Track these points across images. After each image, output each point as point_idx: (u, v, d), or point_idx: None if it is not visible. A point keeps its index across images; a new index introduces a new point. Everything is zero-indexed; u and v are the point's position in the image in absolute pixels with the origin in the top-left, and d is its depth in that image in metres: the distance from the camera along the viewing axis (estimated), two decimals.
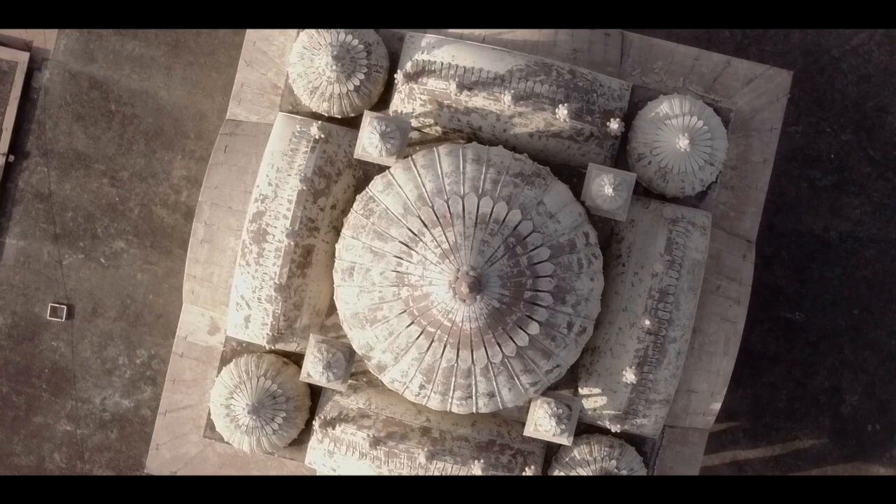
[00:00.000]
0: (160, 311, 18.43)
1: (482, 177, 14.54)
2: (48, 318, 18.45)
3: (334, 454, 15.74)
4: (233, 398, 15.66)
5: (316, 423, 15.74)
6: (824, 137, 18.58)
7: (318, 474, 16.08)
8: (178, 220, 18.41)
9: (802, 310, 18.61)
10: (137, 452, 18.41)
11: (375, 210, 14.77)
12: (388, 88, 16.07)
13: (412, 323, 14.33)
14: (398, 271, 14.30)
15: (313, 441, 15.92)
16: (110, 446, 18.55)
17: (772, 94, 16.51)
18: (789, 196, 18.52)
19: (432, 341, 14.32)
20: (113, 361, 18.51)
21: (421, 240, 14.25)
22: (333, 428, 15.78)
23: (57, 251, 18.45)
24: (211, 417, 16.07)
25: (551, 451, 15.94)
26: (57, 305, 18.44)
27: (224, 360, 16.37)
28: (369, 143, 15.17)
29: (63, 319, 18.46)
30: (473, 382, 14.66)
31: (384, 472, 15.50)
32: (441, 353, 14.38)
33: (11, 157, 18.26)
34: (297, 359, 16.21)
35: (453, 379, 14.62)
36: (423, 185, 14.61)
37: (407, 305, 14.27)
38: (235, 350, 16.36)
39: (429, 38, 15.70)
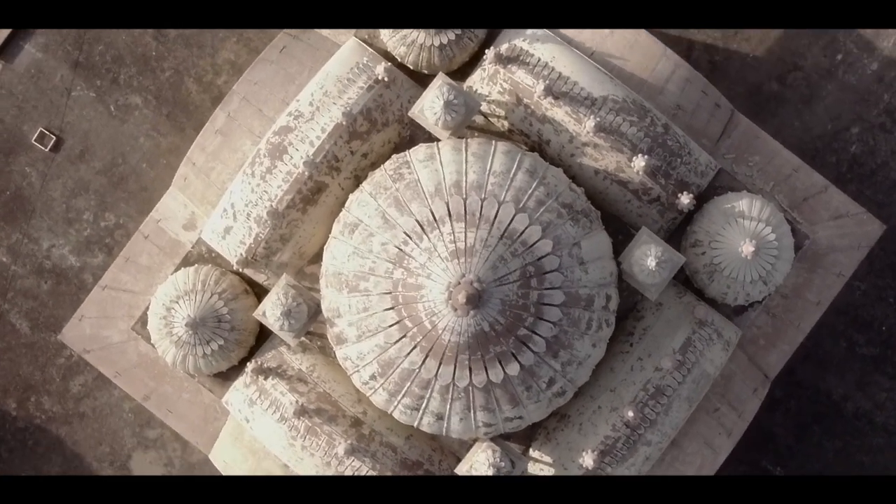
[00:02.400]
0: (147, 184, 16.95)
1: (529, 191, 13.06)
2: (33, 141, 16.98)
3: (255, 405, 14.26)
4: (177, 303, 14.21)
5: (250, 366, 14.27)
6: (883, 306, 17.06)
7: (226, 427, 14.64)
8: (205, 101, 16.94)
9: (786, 467, 17.09)
10: (60, 315, 16.94)
11: (406, 177, 13.29)
12: (473, 61, 14.61)
13: (392, 308, 12.86)
14: (401, 249, 12.83)
15: (239, 382, 14.45)
16: (37, 296, 17.08)
17: (856, 239, 15.03)
18: (823, 349, 17.00)
19: (404, 336, 12.85)
20: (78, 213, 17.03)
21: (439, 227, 12.78)
22: (266, 378, 14.30)
23: (71, 79, 16.96)
24: (147, 313, 14.62)
25: None
26: (47, 133, 16.97)
27: (186, 261, 14.91)
28: (430, 106, 13.69)
29: (47, 149, 16.99)
30: (427, 396, 13.17)
31: (296, 446, 14.02)
32: (407, 353, 12.91)
33: None
34: (259, 292, 14.76)
35: (408, 384, 13.14)
36: (466, 174, 13.14)
37: (395, 289, 12.80)
38: (202, 256, 14.90)
39: (537, 29, 14.23)
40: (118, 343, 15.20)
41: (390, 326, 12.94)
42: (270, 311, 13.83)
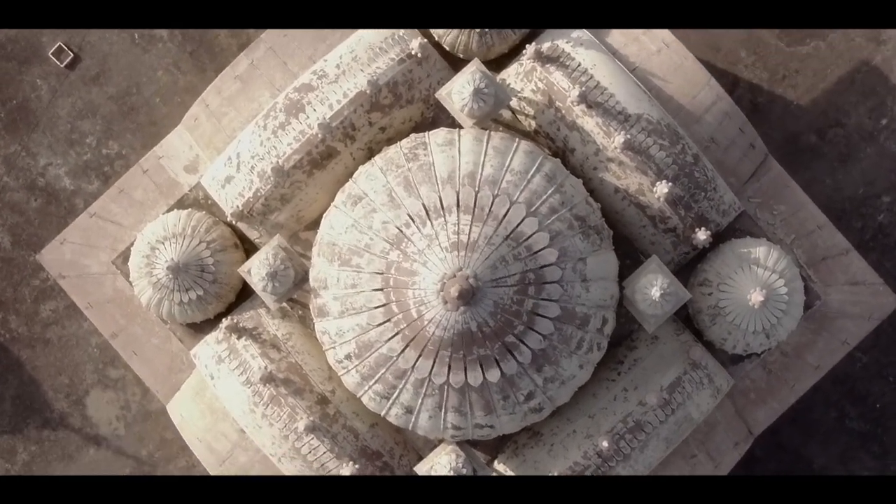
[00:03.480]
0: (157, 119, 16.42)
1: (544, 197, 12.51)
2: (49, 54, 16.44)
3: (222, 363, 13.71)
4: (163, 244, 13.68)
5: (225, 322, 13.71)
6: (881, 384, 16.51)
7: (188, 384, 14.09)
8: (232, 45, 16.41)
9: None
10: (44, 236, 16.41)
11: (421, 158, 12.74)
12: (512, 54, 14.06)
13: (381, 290, 12.31)
14: (402, 231, 12.29)
15: (211, 337, 13.90)
16: (24, 212, 16.55)
17: (868, 309, 14.47)
18: (813, 415, 16.44)
19: (388, 321, 12.31)
20: (81, 135, 16.50)
21: (444, 216, 12.23)
22: (239, 338, 13.75)
23: None
24: (131, 248, 14.08)
25: None
26: (65, 48, 16.45)
27: (180, 204, 14.37)
28: (459, 91, 13.15)
29: (62, 65, 16.47)
30: (400, 387, 12.63)
31: (256, 413, 13.46)
32: (388, 338, 12.36)
33: None
34: (249, 249, 14.24)
35: (383, 371, 12.59)
36: (483, 166, 12.59)
37: (387, 270, 12.25)
38: (198, 201, 14.36)
39: (582, 32, 13.68)
40: (96, 274, 14.65)
41: (376, 308, 12.40)
42: (256, 270, 13.28)
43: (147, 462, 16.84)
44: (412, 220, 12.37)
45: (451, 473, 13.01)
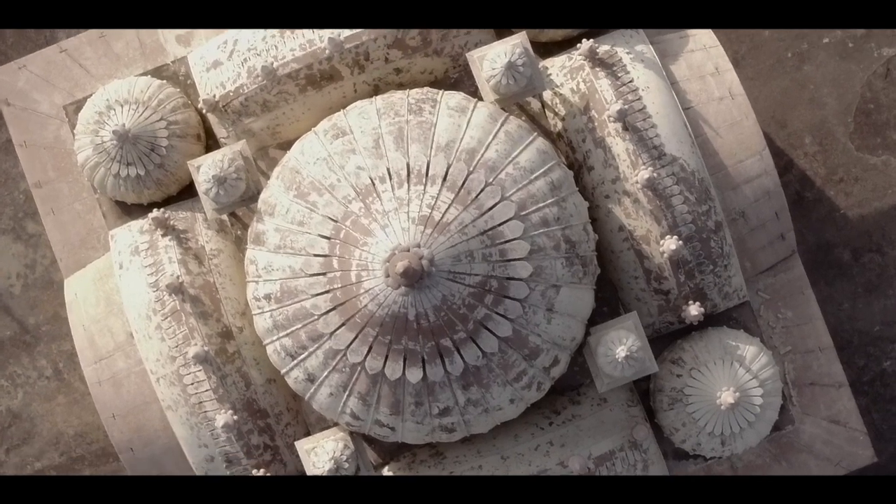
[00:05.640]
0: None
1: (541, 205, 10.96)
2: None
3: (137, 255, 12.16)
4: (122, 107, 12.16)
5: (154, 213, 12.12)
6: None
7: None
8: None
9: None
10: (9, 54, 14.82)
11: (424, 115, 11.19)
12: (564, 45, 12.53)
13: (328, 239, 10.77)
14: (374, 184, 10.76)
15: (136, 224, 12.36)
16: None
17: (839, 455, 12.97)
18: None
19: (322, 275, 10.76)
20: None
21: (425, 185, 10.68)
22: (164, 235, 12.17)
23: None
24: (86, 100, 12.52)
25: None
26: None
27: (157, 73, 12.83)
28: (492, 59, 11.60)
29: None
30: (311, 351, 11.07)
31: (152, 322, 11.91)
32: (316, 294, 10.82)
33: None
34: (212, 146, 12.71)
35: (298, 326, 11.03)
36: (487, 147, 11.04)
37: (343, 220, 10.71)
38: (177, 76, 12.81)
39: (647, 48, 12.12)
40: (43, 114, 13.09)
41: (315, 256, 10.84)
42: (206, 170, 11.72)
43: (31, 332, 15.26)
44: (389, 175, 10.81)
45: (331, 464, 11.43)
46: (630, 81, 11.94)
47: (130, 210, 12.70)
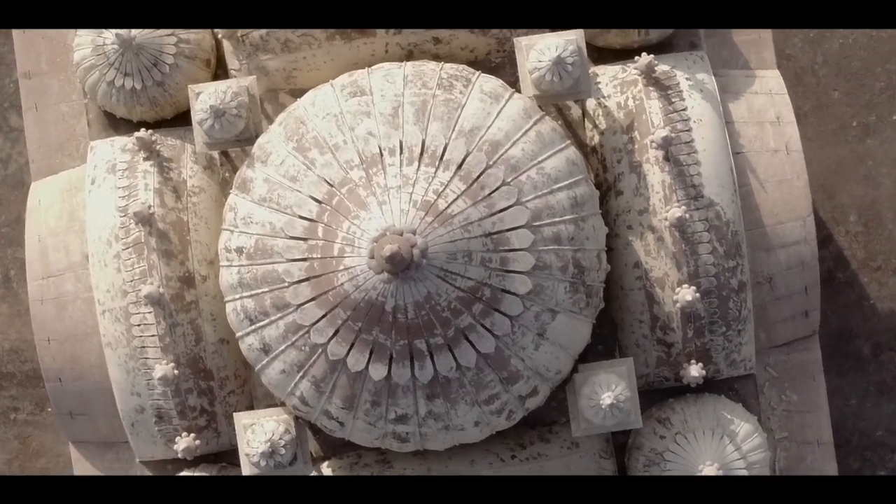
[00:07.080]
0: None
1: (557, 219, 9.93)
2: None
3: (112, 174, 11.14)
4: None
5: (142, 133, 11.04)
6: None
7: None
8: None
9: None
10: None
11: (454, 93, 10.16)
12: (621, 55, 11.48)
13: (319, 203, 9.72)
14: (383, 155, 9.75)
15: (119, 141, 11.35)
16: None
17: None
18: None
19: (304, 241, 9.73)
20: None
21: (436, 170, 9.66)
22: (146, 159, 11.12)
23: None
24: None
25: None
26: None
27: None
28: (540, 50, 10.57)
29: None
30: (272, 320, 10.02)
31: (112, 248, 10.88)
32: (291, 259, 9.79)
33: None
34: (218, 75, 11.74)
35: (265, 290, 9.97)
36: (514, 144, 10.00)
37: (339, 186, 9.70)
38: None
39: (709, 78, 11.08)
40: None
41: (301, 218, 9.78)
42: (205, 97, 10.64)
43: None
44: (401, 149, 9.76)
45: (265, 445, 10.35)
46: (683, 109, 10.88)
47: (118, 124, 11.64)
